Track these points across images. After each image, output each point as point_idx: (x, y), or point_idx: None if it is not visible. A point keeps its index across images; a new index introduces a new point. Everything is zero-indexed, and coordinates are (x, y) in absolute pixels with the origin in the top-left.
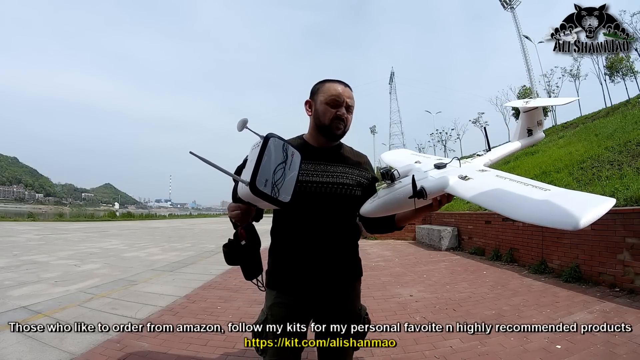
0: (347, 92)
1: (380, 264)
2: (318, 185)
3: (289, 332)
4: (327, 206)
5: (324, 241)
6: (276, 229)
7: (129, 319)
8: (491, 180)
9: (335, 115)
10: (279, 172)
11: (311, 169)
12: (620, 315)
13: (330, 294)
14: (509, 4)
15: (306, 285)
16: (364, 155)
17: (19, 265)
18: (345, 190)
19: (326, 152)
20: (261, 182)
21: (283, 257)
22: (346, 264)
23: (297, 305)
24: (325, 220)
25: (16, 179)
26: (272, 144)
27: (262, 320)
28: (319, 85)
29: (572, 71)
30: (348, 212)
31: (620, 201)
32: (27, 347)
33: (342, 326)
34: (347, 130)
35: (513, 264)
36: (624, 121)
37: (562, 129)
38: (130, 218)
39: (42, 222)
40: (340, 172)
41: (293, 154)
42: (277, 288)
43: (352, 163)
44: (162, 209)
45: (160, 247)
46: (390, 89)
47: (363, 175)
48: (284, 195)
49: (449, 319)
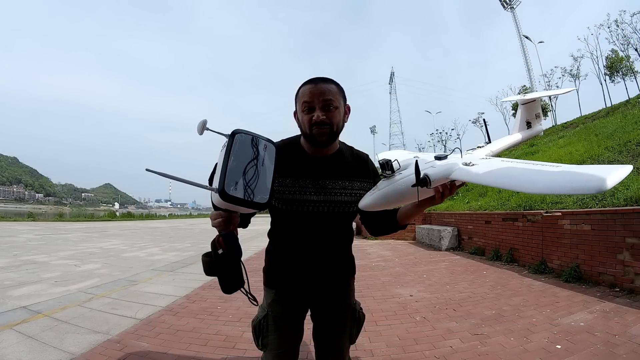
0: (319, 89)
1: (380, 264)
2: (314, 204)
3: (288, 326)
4: (323, 224)
5: (319, 248)
6: (273, 232)
7: (129, 319)
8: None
9: (310, 121)
10: (250, 171)
11: (309, 184)
12: (620, 315)
13: (326, 292)
14: (509, 4)
15: (303, 284)
16: (364, 155)
17: (19, 265)
18: (342, 208)
19: (325, 164)
20: (230, 186)
21: (280, 259)
22: (341, 264)
23: (296, 302)
24: (320, 234)
25: (16, 179)
26: (239, 141)
27: (263, 315)
28: (296, 93)
29: (572, 71)
30: (344, 224)
31: (620, 201)
32: (27, 347)
33: (338, 319)
34: (337, 130)
35: (513, 264)
36: (624, 121)
37: (562, 129)
38: (130, 218)
39: (42, 222)
40: (339, 188)
41: (266, 147)
42: (276, 287)
43: (354, 173)
44: (162, 209)
45: (160, 247)
46: (390, 89)
47: (364, 188)
48: (259, 196)
49: (449, 319)
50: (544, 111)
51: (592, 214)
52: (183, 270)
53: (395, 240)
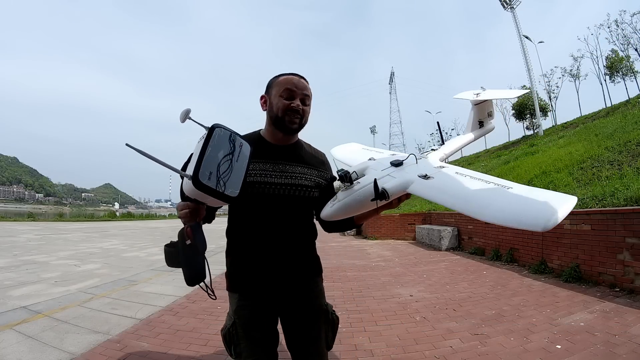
0: (302, 84)
1: (380, 264)
2: (276, 186)
3: (259, 333)
4: (285, 208)
5: (281, 241)
6: (232, 229)
7: (129, 319)
8: (453, 179)
9: (289, 107)
10: (224, 164)
11: (269, 168)
12: (620, 315)
13: (292, 292)
14: (509, 4)
15: (267, 285)
16: (322, 154)
17: (19, 265)
18: (303, 192)
19: (284, 151)
20: (204, 175)
21: (241, 259)
22: (305, 262)
23: (262, 305)
24: (282, 221)
25: (16, 179)
26: (217, 135)
27: (230, 324)
28: (273, 80)
29: (572, 71)
30: (305, 213)
31: (620, 201)
32: (27, 347)
33: (311, 323)
34: (305, 124)
35: (513, 264)
36: (624, 121)
37: (562, 129)
38: (130, 218)
39: (42, 222)
40: (299, 172)
41: (242, 145)
42: (239, 291)
43: (311, 163)
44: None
45: (160, 247)
46: (390, 89)
47: (322, 176)
48: (230, 189)
49: (449, 319)
50: (545, 111)
51: (592, 214)
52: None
53: (395, 241)
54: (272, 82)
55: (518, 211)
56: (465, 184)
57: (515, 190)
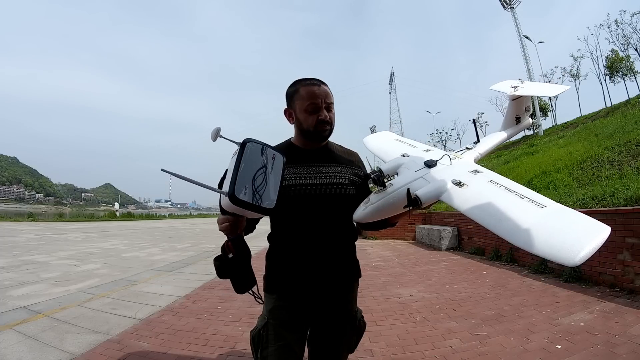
0: (323, 91)
1: (380, 264)
2: (312, 187)
3: (291, 335)
4: (323, 207)
5: (321, 243)
6: (274, 233)
7: (129, 319)
8: (487, 190)
9: (317, 121)
10: (259, 178)
11: (303, 171)
12: (620, 315)
13: (329, 296)
14: (509, 4)
15: (306, 287)
16: (354, 153)
17: (19, 265)
18: (339, 190)
19: (316, 153)
20: (240, 191)
21: (281, 261)
22: (345, 265)
23: (298, 307)
24: (321, 221)
25: (16, 179)
26: (249, 150)
27: (263, 325)
28: (293, 91)
29: (572, 71)
30: (344, 212)
31: (620, 201)
32: (27, 347)
33: (339, 327)
34: (334, 127)
35: (513, 264)
36: (624, 121)
37: (562, 129)
38: (130, 218)
39: (42, 222)
40: (333, 172)
41: (274, 157)
42: (277, 292)
43: (344, 161)
44: (162, 209)
45: (160, 247)
46: (390, 89)
47: (356, 173)
48: (267, 202)
49: (449, 319)
50: (545, 111)
51: (592, 214)
52: (183, 270)
53: (395, 240)
54: (292, 93)
55: (549, 242)
56: (500, 198)
57: (549, 210)
